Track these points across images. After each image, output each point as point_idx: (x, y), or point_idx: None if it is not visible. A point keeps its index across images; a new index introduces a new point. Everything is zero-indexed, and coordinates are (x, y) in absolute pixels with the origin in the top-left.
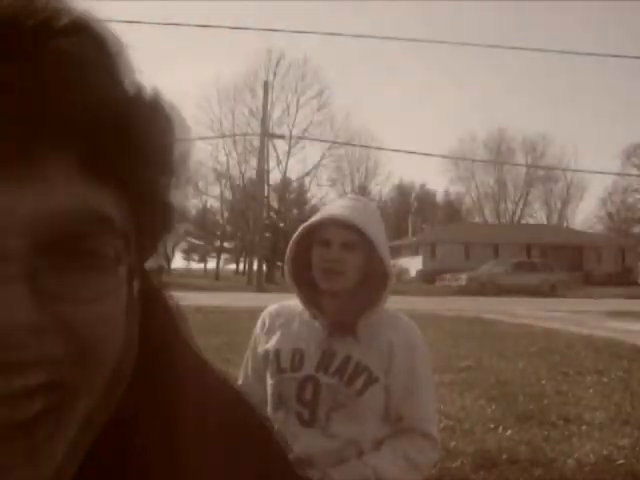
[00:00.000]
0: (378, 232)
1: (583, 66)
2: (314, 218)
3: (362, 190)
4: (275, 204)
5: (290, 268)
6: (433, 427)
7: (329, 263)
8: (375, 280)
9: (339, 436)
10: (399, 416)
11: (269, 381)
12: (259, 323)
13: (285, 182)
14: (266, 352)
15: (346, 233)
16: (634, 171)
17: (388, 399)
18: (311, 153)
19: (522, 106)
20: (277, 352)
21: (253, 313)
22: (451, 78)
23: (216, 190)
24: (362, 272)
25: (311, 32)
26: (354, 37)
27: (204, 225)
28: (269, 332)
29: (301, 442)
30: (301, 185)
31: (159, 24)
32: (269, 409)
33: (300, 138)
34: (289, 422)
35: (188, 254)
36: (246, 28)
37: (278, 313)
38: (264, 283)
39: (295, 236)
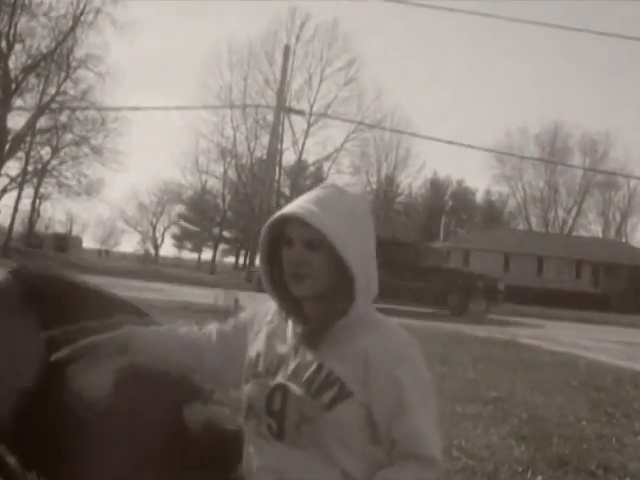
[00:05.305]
0: (344, 228)
1: None
2: (276, 213)
3: (389, 181)
4: (286, 190)
5: (266, 269)
6: (433, 448)
7: (293, 266)
8: (348, 283)
9: (313, 453)
10: (391, 440)
11: (244, 385)
12: (252, 312)
13: (300, 165)
14: (250, 353)
15: (309, 231)
16: None
17: (372, 418)
18: (333, 134)
19: (585, 97)
20: (258, 355)
21: None
22: (503, 56)
23: (219, 169)
24: (335, 273)
25: None
26: (395, 2)
27: (201, 209)
28: (258, 331)
29: (271, 456)
30: (319, 170)
31: None
32: (241, 417)
33: (322, 116)
34: (260, 433)
35: (180, 241)
36: None
37: (270, 310)
38: None
39: (262, 234)
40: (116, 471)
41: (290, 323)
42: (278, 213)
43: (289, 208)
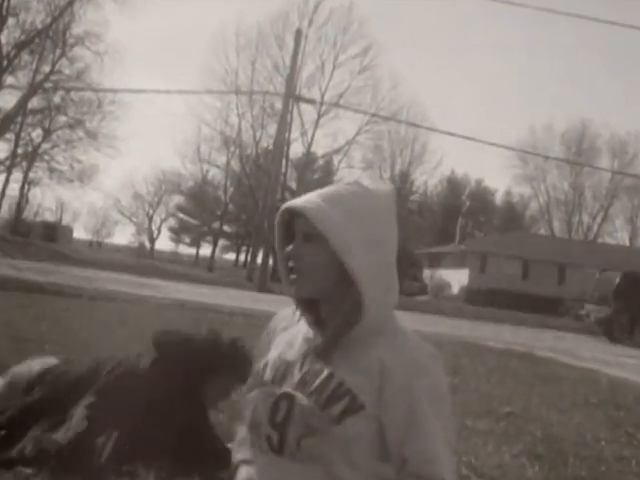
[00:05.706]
0: (353, 227)
1: None
2: (283, 205)
3: (403, 178)
4: (293, 184)
5: (283, 265)
6: (445, 471)
7: (290, 260)
8: (355, 287)
9: (314, 469)
10: (402, 457)
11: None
12: (263, 334)
13: (309, 158)
14: (257, 365)
15: (307, 224)
16: None
17: (383, 434)
18: (345, 126)
19: (615, 95)
20: (265, 364)
21: (251, 318)
22: (530, 48)
23: (221, 159)
24: (337, 275)
25: None
26: None
27: (202, 201)
28: (268, 345)
29: (270, 470)
30: (328, 164)
31: None
32: (245, 430)
33: (333, 105)
34: (260, 446)
35: (178, 234)
36: None
37: (283, 317)
38: (269, 281)
39: (275, 228)
40: None
41: (302, 328)
42: (284, 205)
43: (294, 200)
